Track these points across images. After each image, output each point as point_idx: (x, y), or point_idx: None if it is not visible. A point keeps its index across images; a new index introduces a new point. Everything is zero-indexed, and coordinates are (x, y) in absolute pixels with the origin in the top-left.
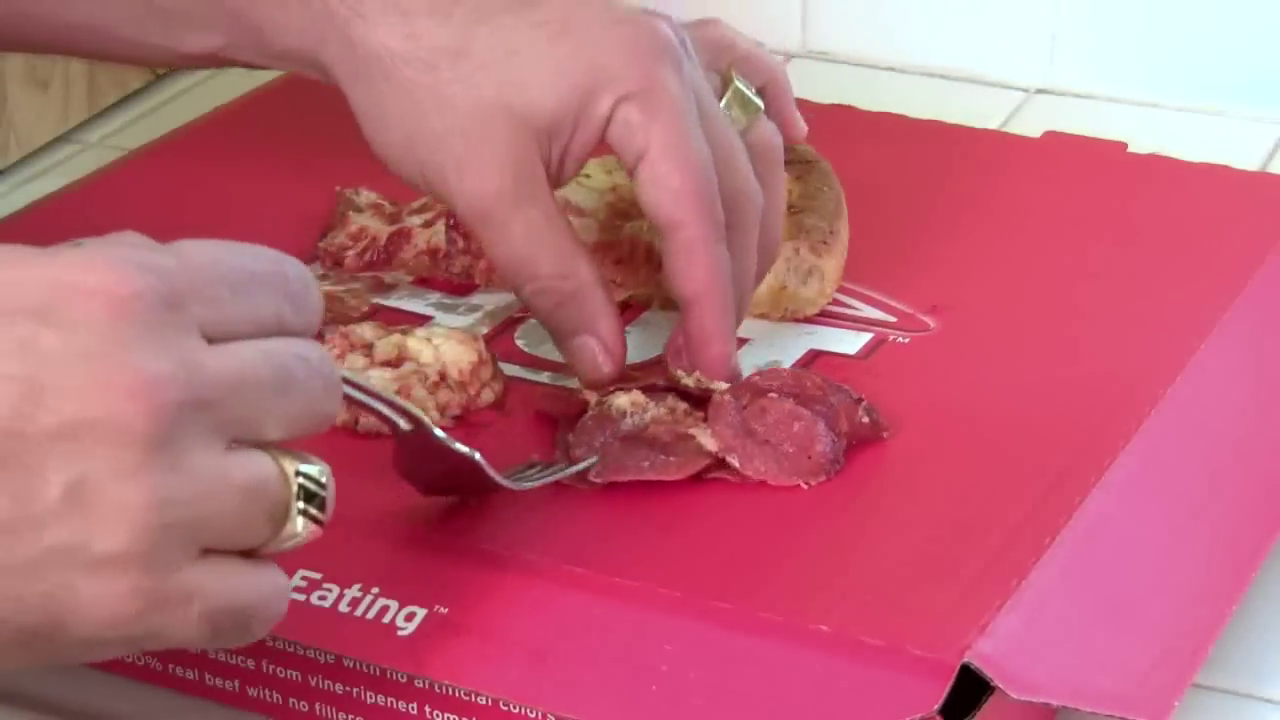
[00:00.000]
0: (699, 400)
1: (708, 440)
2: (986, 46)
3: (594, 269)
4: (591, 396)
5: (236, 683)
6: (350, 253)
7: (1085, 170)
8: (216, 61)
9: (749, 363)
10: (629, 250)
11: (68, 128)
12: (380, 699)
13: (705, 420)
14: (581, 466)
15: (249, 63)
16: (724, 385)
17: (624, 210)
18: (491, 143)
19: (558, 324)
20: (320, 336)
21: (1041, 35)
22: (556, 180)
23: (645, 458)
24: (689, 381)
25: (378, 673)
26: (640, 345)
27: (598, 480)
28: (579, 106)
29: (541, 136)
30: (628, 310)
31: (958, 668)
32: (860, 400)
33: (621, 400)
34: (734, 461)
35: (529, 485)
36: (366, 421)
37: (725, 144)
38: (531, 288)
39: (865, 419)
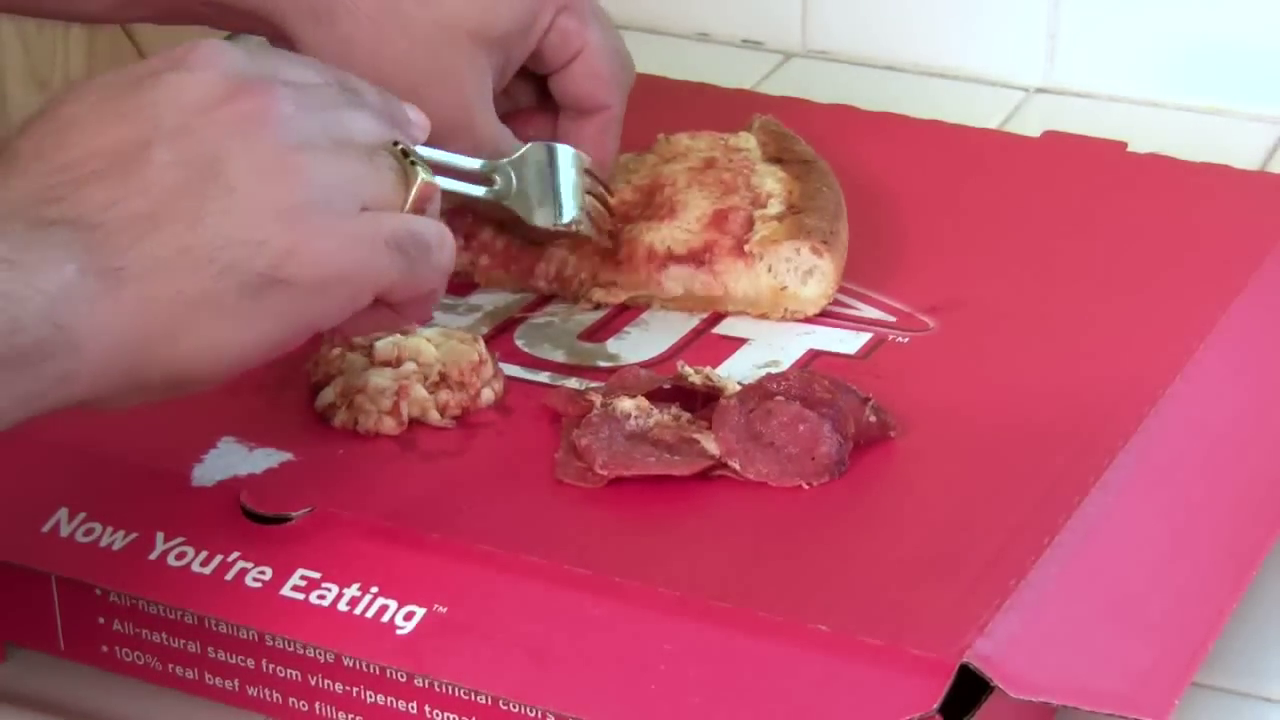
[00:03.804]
0: (705, 399)
1: (711, 445)
2: (986, 46)
3: None
4: (596, 398)
5: (236, 683)
6: None
7: (1085, 170)
8: (133, 14)
9: (749, 362)
10: (629, 250)
11: None
12: (380, 698)
13: (709, 425)
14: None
15: (176, 17)
16: (733, 386)
17: (624, 212)
18: (455, 57)
19: None
20: (320, 336)
21: (1041, 35)
22: (496, 88)
23: (651, 454)
24: (696, 380)
25: (378, 672)
26: (641, 345)
27: (604, 473)
28: (528, 20)
29: (494, 48)
30: (627, 311)
31: (957, 667)
32: (868, 400)
33: (626, 404)
34: (736, 465)
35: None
36: (366, 422)
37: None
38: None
39: (873, 418)
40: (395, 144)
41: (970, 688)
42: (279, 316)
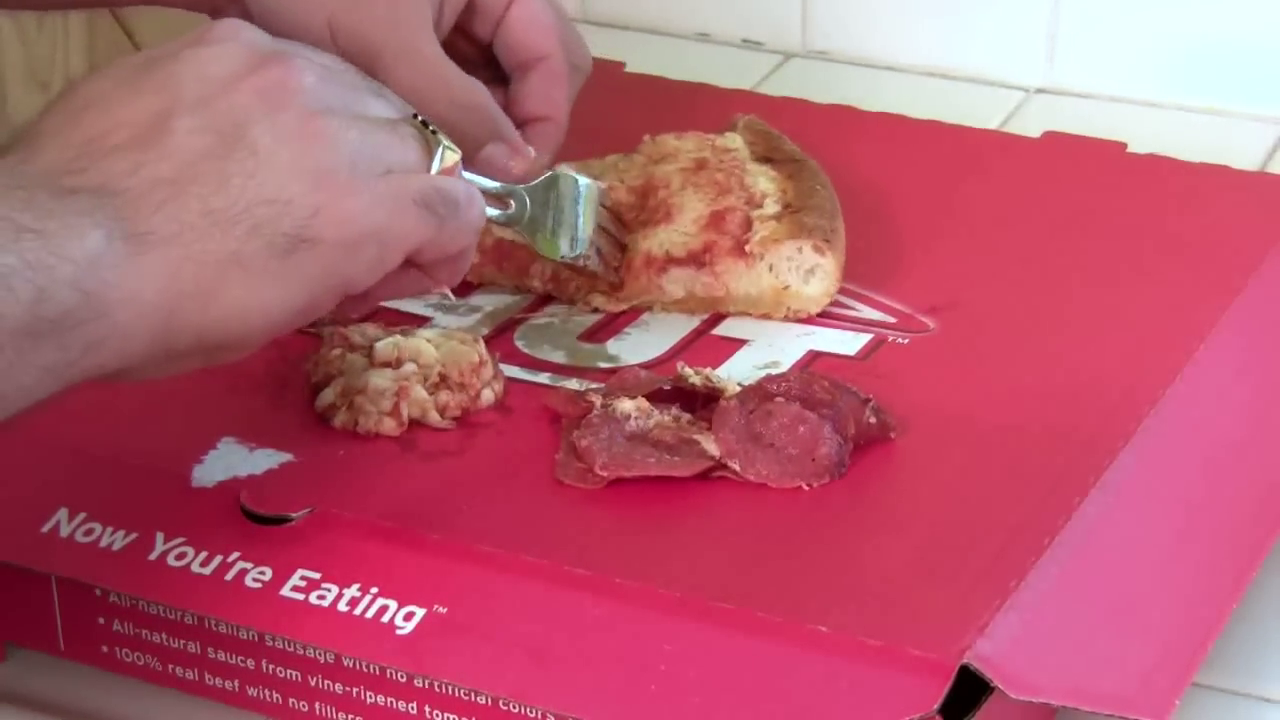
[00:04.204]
0: (705, 400)
1: (711, 445)
2: (986, 46)
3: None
4: (596, 399)
5: (236, 683)
6: None
7: (1085, 170)
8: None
9: (749, 363)
10: (627, 258)
11: None
12: (380, 699)
13: (709, 426)
14: None
15: None
16: (733, 387)
17: (620, 213)
18: None
19: (473, 133)
20: (319, 337)
21: (1041, 35)
22: (437, 29)
23: (651, 455)
24: (696, 381)
25: (378, 672)
26: (641, 346)
27: (604, 474)
28: None
29: None
30: (627, 312)
31: (957, 668)
32: (868, 401)
33: (626, 404)
34: (736, 466)
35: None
36: (366, 422)
37: None
38: (447, 102)
39: (873, 419)
40: (415, 116)
41: (970, 688)
42: (308, 278)
